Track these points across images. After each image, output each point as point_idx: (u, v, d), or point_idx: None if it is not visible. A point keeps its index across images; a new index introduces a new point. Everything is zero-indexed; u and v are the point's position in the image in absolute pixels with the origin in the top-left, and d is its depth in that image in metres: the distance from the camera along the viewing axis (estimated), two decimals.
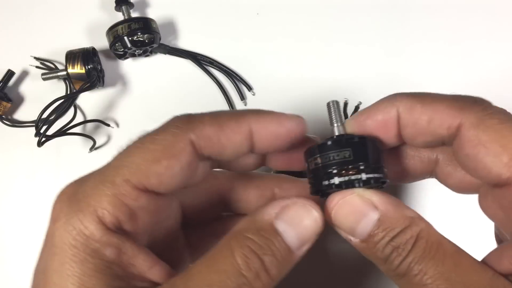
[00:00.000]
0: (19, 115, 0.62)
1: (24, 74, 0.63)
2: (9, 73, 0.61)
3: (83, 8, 0.65)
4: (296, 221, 0.29)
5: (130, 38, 0.60)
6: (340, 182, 0.29)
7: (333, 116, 0.32)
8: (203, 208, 0.39)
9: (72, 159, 0.61)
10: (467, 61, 0.63)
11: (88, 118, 0.62)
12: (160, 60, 0.64)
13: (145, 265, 0.30)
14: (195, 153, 0.31)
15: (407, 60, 0.63)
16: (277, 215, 0.29)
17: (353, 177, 0.29)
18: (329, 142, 0.30)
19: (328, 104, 0.33)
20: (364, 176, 0.29)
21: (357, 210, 0.29)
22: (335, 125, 0.32)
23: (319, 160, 0.30)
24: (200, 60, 0.63)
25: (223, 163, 0.36)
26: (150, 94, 0.63)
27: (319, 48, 0.64)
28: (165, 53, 0.64)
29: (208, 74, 0.63)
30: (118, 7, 0.62)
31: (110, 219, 0.29)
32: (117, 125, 0.62)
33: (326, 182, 0.30)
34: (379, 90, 0.62)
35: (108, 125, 0.62)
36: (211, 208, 0.40)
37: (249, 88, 0.62)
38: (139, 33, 0.60)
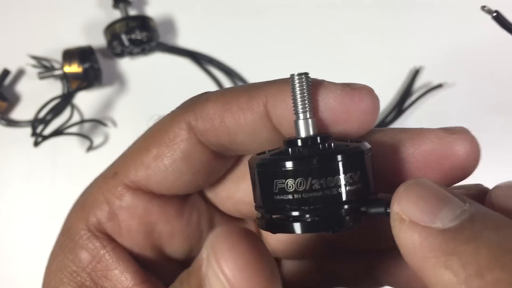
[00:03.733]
0: (15, 114, 0.62)
1: (20, 73, 0.63)
2: (5, 72, 0.61)
3: (80, 6, 0.64)
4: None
5: (128, 37, 0.59)
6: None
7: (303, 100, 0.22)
8: None
9: (69, 159, 0.60)
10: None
11: (85, 117, 0.61)
12: (158, 59, 0.63)
13: (123, 283, 0.25)
14: (194, 140, 0.24)
15: (412, 60, 0.63)
16: (207, 262, 0.19)
17: None
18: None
19: (292, 77, 0.22)
20: None
21: None
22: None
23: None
24: (199, 59, 0.62)
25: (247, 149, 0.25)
26: (148, 93, 0.62)
27: (319, 45, 0.64)
28: (163, 51, 0.63)
29: (207, 73, 0.62)
30: (115, 5, 0.62)
31: (92, 218, 0.25)
32: (115, 124, 0.62)
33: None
34: (383, 88, 0.62)
35: (106, 125, 0.61)
36: None
37: None
38: (137, 32, 0.59)
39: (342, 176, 0.20)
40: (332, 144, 0.21)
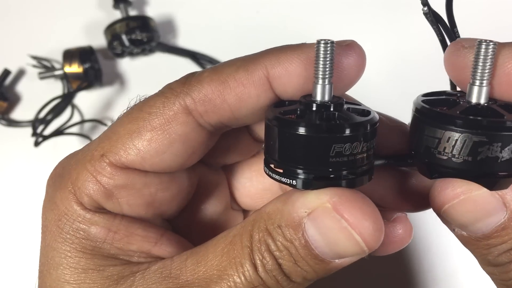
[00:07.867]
0: (16, 114, 0.62)
1: (21, 73, 0.63)
2: (5, 72, 0.61)
3: (80, 6, 0.64)
4: (330, 235, 0.21)
5: (128, 37, 0.59)
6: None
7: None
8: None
9: None
10: None
11: (86, 117, 0.61)
12: (158, 59, 0.63)
13: (148, 242, 0.26)
14: (193, 122, 0.24)
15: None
16: (309, 216, 0.22)
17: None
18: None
19: (318, 43, 0.23)
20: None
21: (483, 208, 0.21)
22: None
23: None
24: (199, 59, 0.62)
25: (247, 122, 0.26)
26: (149, 93, 0.62)
27: None
28: (163, 51, 0.63)
29: None
30: (116, 5, 0.62)
31: (86, 199, 0.25)
32: None
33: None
34: (387, 90, 0.62)
35: (106, 125, 0.61)
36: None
37: None
38: (137, 32, 0.59)
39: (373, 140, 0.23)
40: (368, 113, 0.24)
